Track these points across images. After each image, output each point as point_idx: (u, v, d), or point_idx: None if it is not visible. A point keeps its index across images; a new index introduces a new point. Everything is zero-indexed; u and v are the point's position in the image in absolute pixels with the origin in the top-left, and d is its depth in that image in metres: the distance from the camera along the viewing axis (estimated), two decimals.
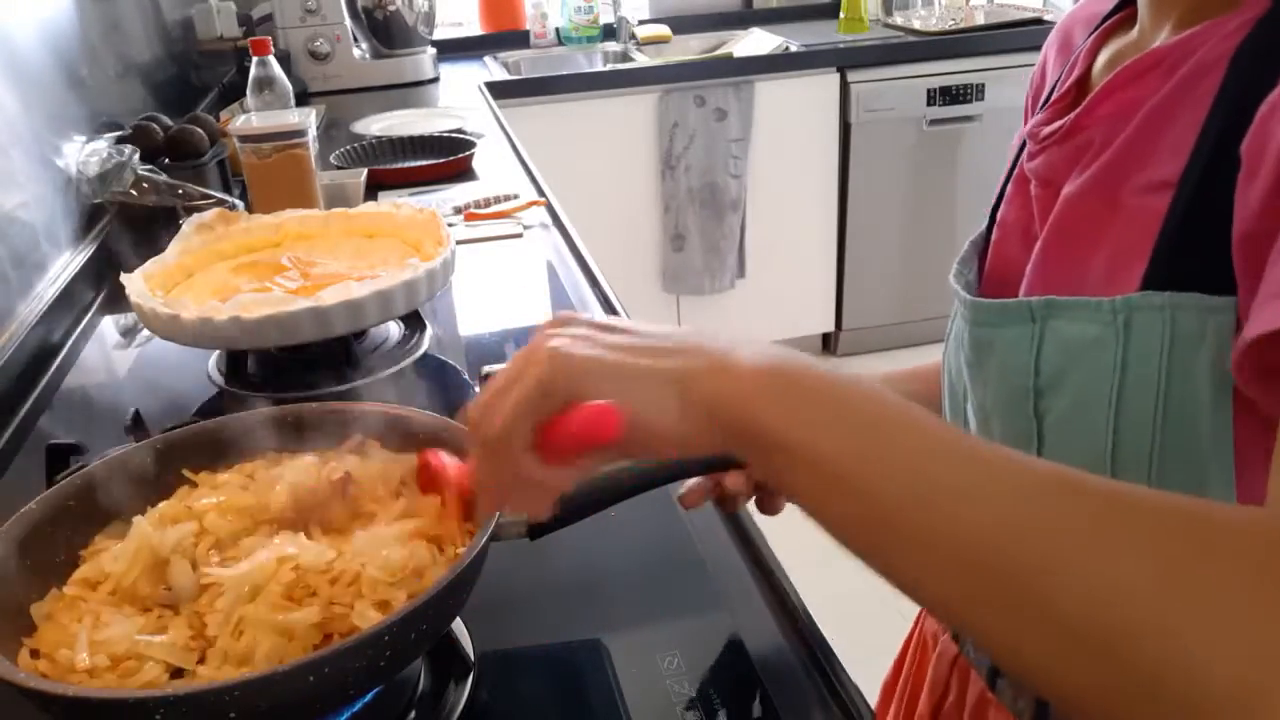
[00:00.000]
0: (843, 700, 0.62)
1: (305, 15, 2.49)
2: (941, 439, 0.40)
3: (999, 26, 2.91)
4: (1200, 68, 0.52)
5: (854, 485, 0.39)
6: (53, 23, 1.51)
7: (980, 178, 2.98)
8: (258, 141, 1.39)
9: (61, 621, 0.56)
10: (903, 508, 0.39)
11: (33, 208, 1.29)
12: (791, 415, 0.41)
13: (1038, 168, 0.64)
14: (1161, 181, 0.53)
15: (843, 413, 0.41)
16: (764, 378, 0.42)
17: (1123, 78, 0.57)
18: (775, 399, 0.41)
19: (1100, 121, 0.58)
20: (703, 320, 3.04)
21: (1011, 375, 0.59)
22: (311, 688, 0.48)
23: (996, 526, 0.37)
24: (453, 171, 1.77)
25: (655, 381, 0.43)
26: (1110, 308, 0.53)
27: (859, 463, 0.39)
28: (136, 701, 0.48)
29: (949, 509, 0.38)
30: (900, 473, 0.39)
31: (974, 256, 0.70)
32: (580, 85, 2.72)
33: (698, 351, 0.43)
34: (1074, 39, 0.68)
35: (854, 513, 0.40)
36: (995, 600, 0.37)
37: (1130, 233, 0.54)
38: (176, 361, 1.09)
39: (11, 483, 0.94)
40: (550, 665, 0.67)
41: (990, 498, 0.38)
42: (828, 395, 0.41)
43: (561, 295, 1.29)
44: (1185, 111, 0.52)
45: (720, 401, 0.42)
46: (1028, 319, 0.58)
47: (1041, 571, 0.36)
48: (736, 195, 2.88)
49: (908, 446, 0.40)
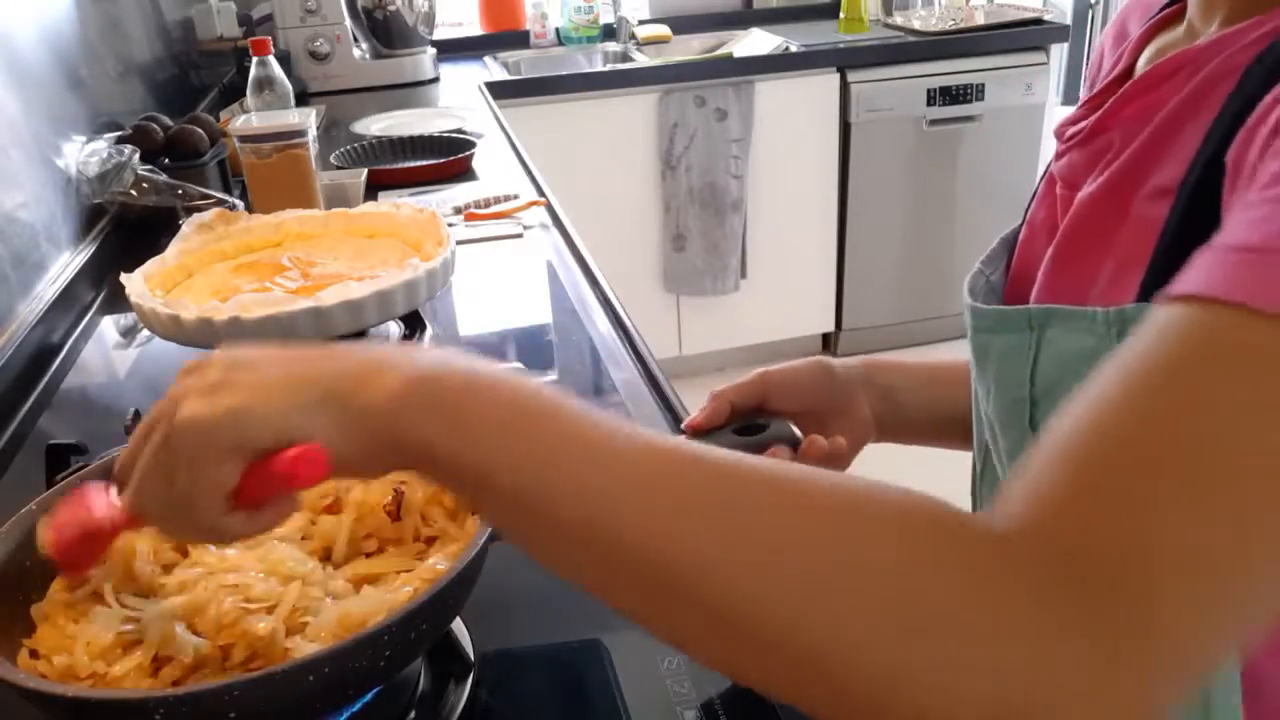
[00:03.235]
0: None
1: (305, 15, 2.49)
2: (578, 426, 0.40)
3: (999, 26, 2.91)
4: (1217, 74, 0.51)
5: (491, 483, 0.40)
6: (53, 23, 1.51)
7: (980, 178, 2.98)
8: (258, 141, 1.39)
9: (58, 623, 0.56)
10: (530, 501, 0.39)
11: (33, 208, 1.29)
12: (431, 422, 0.40)
13: (1062, 168, 0.62)
14: (1164, 188, 0.51)
15: (479, 415, 0.41)
16: (411, 385, 0.41)
17: (1147, 80, 0.55)
18: (423, 407, 0.41)
19: (1122, 124, 0.56)
20: (703, 320, 3.04)
21: (1009, 384, 0.58)
22: (311, 687, 0.48)
23: (613, 508, 0.38)
24: (453, 172, 1.77)
25: (307, 408, 0.42)
26: (1105, 319, 0.51)
27: (495, 459, 0.40)
28: (136, 701, 0.48)
29: (579, 501, 0.38)
30: (529, 471, 0.39)
31: (1003, 254, 0.68)
32: (580, 85, 2.72)
33: (347, 369, 0.43)
34: (1129, 30, 0.65)
35: (497, 509, 0.41)
36: (630, 583, 0.38)
37: (1133, 241, 0.53)
38: (176, 361, 1.08)
39: (11, 483, 0.95)
40: (550, 665, 0.67)
41: (616, 485, 0.38)
42: (466, 394, 0.41)
43: (561, 295, 1.29)
44: (1196, 118, 0.51)
45: (372, 413, 0.41)
46: (1025, 327, 0.56)
47: (667, 546, 0.36)
48: (738, 195, 2.88)
49: (539, 435, 0.40)
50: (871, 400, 0.75)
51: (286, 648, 0.53)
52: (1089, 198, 0.57)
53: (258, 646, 0.53)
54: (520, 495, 0.39)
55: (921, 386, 0.77)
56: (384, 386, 0.41)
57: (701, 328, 3.05)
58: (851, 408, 0.74)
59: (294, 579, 0.56)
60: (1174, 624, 0.32)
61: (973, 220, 3.00)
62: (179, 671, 0.52)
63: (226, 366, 0.45)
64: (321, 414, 0.42)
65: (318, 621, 0.54)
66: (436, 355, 0.43)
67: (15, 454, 0.99)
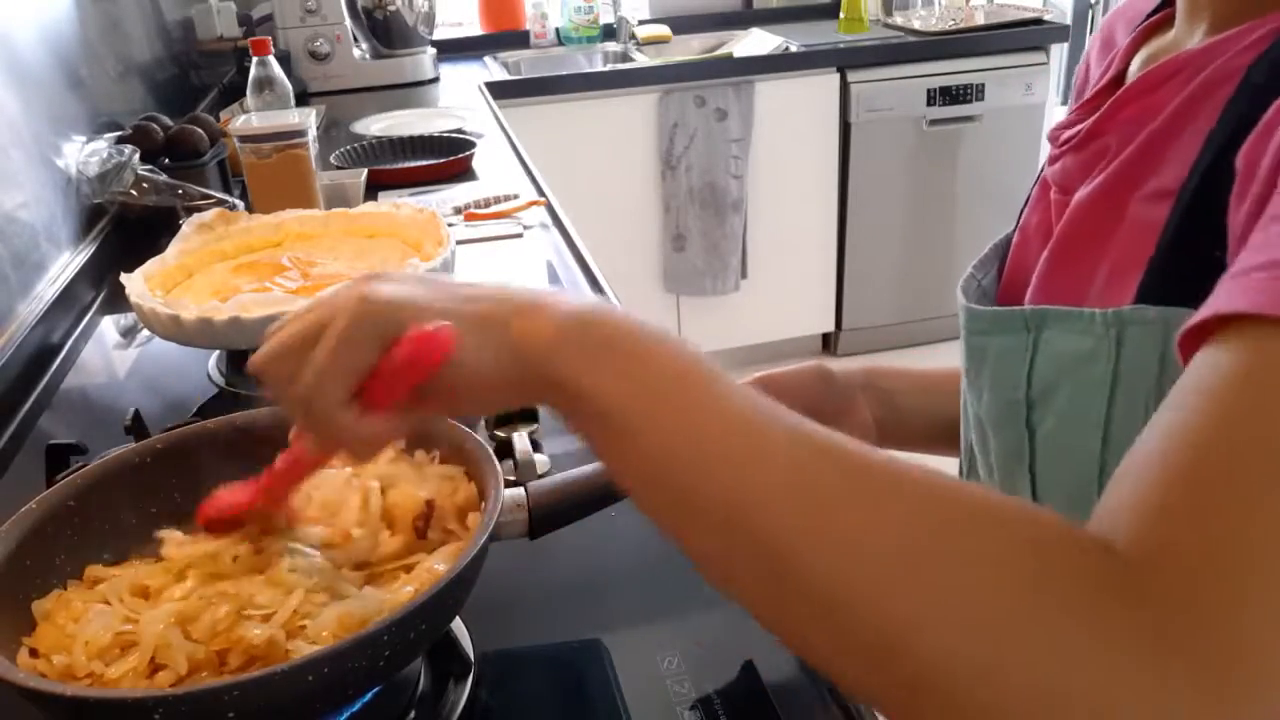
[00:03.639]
0: (843, 701, 0.62)
1: (305, 15, 2.49)
2: (729, 404, 0.40)
3: (999, 26, 2.91)
4: (1216, 77, 0.51)
5: (634, 440, 0.40)
6: (53, 23, 1.51)
7: (980, 178, 2.98)
8: (258, 141, 1.39)
9: (58, 621, 0.56)
10: (673, 468, 0.39)
11: (33, 208, 1.29)
12: (588, 364, 0.41)
13: (1056, 173, 0.62)
14: (1163, 191, 0.51)
15: (639, 367, 0.41)
16: (570, 323, 0.42)
17: (1144, 84, 0.55)
18: (577, 347, 0.41)
19: (1118, 128, 0.56)
20: (703, 320, 3.04)
21: (1004, 386, 0.58)
22: (311, 687, 0.48)
23: (759, 494, 0.37)
24: (453, 172, 1.77)
25: (469, 320, 0.43)
26: (1102, 320, 0.51)
27: (642, 419, 0.40)
28: (136, 701, 0.48)
29: (718, 474, 0.38)
30: (675, 433, 0.40)
31: (995, 259, 0.68)
32: (580, 85, 2.72)
33: (511, 299, 0.44)
34: (1116, 37, 0.66)
35: (631, 466, 0.41)
36: (753, 568, 0.38)
37: (1130, 243, 0.53)
38: (176, 361, 1.09)
39: (11, 483, 0.94)
40: (550, 665, 0.67)
41: (760, 466, 0.38)
42: (629, 347, 0.42)
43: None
44: (1195, 121, 0.51)
45: (525, 345, 0.42)
46: (1021, 329, 0.56)
47: (791, 536, 0.36)
48: (738, 195, 2.88)
49: (691, 407, 0.40)
50: (872, 405, 0.75)
51: (287, 649, 0.53)
52: (1085, 200, 0.57)
53: (254, 653, 0.52)
54: (663, 458, 0.40)
55: (921, 392, 0.77)
56: (547, 319, 0.42)
57: (701, 328, 3.05)
58: (851, 412, 0.74)
59: (297, 588, 0.56)
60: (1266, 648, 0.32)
61: (972, 220, 2.99)
62: (174, 676, 0.52)
63: (398, 276, 0.46)
64: (478, 330, 0.43)
65: (317, 622, 0.54)
66: (597, 301, 0.44)
67: (15, 454, 0.99)
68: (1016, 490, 0.59)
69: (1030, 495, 0.58)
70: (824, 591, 0.36)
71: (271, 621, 0.53)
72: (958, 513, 0.36)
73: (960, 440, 0.70)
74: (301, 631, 0.54)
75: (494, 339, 0.43)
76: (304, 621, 0.54)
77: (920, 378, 0.78)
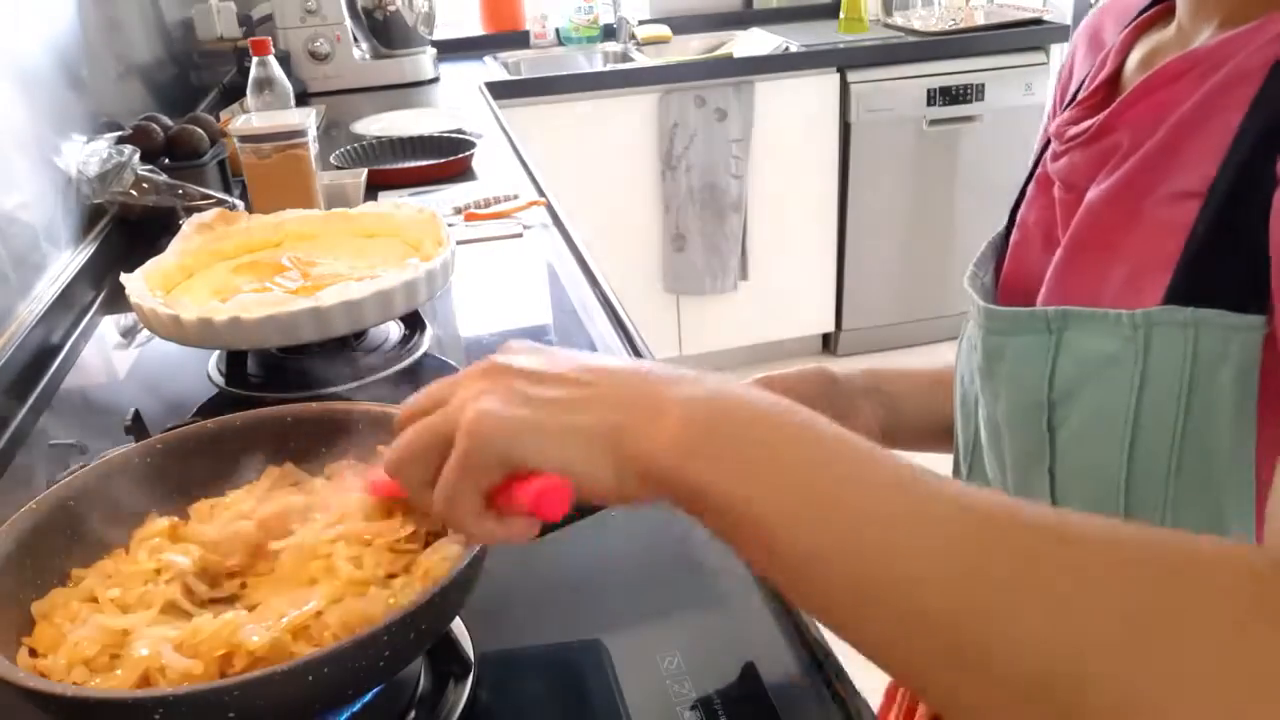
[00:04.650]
0: (843, 701, 0.62)
1: (305, 15, 2.49)
2: (878, 484, 0.38)
3: (999, 26, 2.91)
4: (1238, 74, 0.49)
5: (790, 546, 0.38)
6: (53, 23, 1.51)
7: (980, 178, 2.98)
8: (258, 141, 1.39)
9: (55, 621, 0.56)
10: (834, 561, 0.37)
11: (33, 208, 1.29)
12: (715, 474, 0.39)
13: (1061, 169, 0.61)
14: (1189, 191, 0.50)
15: (775, 468, 0.39)
16: (696, 430, 0.40)
17: (1158, 80, 0.54)
18: (709, 457, 0.39)
19: (1130, 124, 0.55)
20: (703, 320, 3.04)
21: (1024, 387, 0.57)
22: (311, 687, 0.48)
23: (933, 578, 0.35)
24: (452, 172, 1.77)
25: (585, 441, 0.42)
26: (1130, 322, 0.50)
27: (794, 524, 0.38)
28: (135, 701, 0.48)
29: (884, 563, 0.36)
30: (831, 529, 0.37)
31: (991, 258, 0.67)
32: (580, 85, 2.72)
33: (628, 403, 0.42)
34: (1105, 34, 0.65)
35: (776, 567, 0.39)
36: (931, 651, 0.35)
37: (1154, 244, 0.52)
38: (176, 361, 1.09)
39: (11, 483, 0.94)
40: (550, 665, 0.67)
41: (926, 548, 0.35)
42: (760, 446, 0.39)
43: (561, 295, 1.29)
44: (1219, 119, 0.50)
45: (653, 461, 0.41)
46: (1043, 329, 0.55)
47: (981, 619, 0.34)
48: (737, 196, 2.88)
49: (842, 501, 0.37)
50: (874, 407, 0.75)
51: (291, 650, 0.52)
52: (1100, 199, 0.56)
53: (253, 659, 0.52)
54: (808, 555, 0.37)
55: (923, 393, 0.77)
56: (664, 431, 0.40)
57: (701, 328, 3.05)
58: (853, 415, 0.74)
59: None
60: None
61: (973, 220, 3.00)
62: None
63: (522, 374, 0.44)
64: (598, 454, 0.42)
65: (318, 622, 0.54)
66: (714, 387, 0.41)
67: (15, 454, 0.99)
68: (1033, 490, 0.58)
69: (1049, 496, 0.58)
70: (1034, 671, 0.33)
71: (273, 627, 0.53)
72: (1161, 569, 0.33)
73: (957, 437, 0.70)
74: (304, 632, 0.54)
75: (616, 454, 0.41)
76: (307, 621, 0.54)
77: (923, 377, 0.78)
